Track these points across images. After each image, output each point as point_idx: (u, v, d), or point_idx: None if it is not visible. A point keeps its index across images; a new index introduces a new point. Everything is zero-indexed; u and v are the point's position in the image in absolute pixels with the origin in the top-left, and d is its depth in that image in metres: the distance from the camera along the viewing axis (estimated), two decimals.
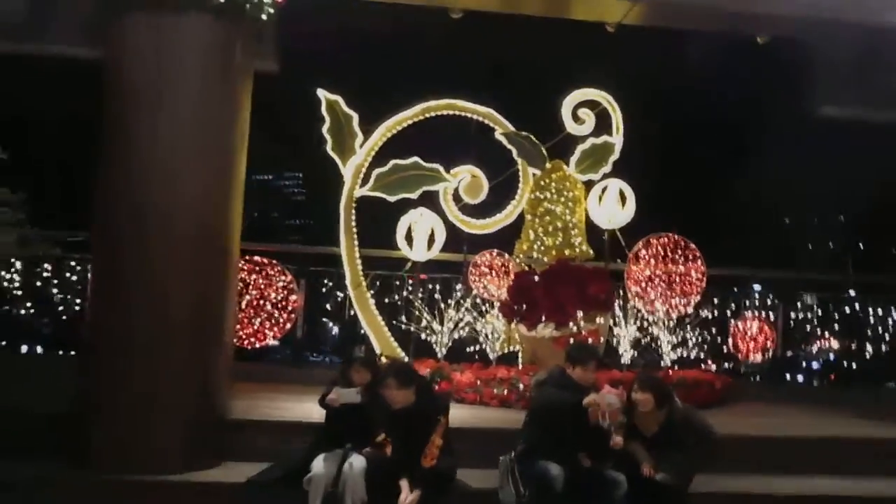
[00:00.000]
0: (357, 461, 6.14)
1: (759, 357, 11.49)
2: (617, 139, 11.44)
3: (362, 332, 10.96)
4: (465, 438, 7.34)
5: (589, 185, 11.24)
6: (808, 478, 7.42)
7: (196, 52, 7.09)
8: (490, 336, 10.14)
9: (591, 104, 11.44)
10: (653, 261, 11.28)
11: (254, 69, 7.92)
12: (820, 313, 12.32)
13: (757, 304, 12.18)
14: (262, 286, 10.88)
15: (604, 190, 11.04)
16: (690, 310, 11.23)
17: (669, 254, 11.33)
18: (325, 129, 10.89)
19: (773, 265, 13.15)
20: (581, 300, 9.00)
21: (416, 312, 10.52)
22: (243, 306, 10.64)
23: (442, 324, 10.32)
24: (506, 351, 10.67)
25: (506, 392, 9.09)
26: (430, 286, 11.06)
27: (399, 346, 10.89)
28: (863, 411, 9.62)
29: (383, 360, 9.98)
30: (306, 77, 11.18)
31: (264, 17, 7.55)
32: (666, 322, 10.59)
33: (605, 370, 9.59)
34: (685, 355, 10.70)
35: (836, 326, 12.36)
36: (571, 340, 8.97)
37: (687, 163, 13.56)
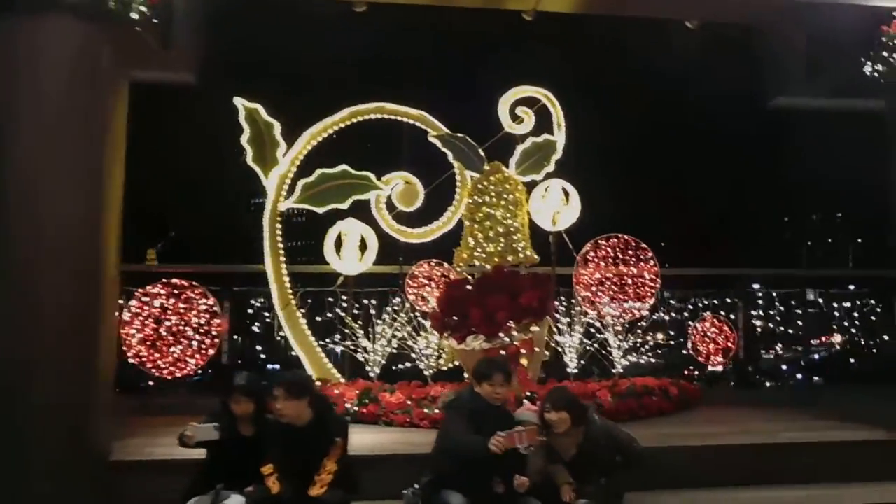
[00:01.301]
0: (232, 503, 5.44)
1: (720, 360, 10.79)
2: (559, 137, 10.81)
3: (293, 353, 10.24)
4: (383, 466, 6.73)
5: (532, 186, 10.60)
6: (749, 489, 6.90)
7: (55, 58, 6.43)
8: (424, 352, 9.42)
9: (530, 101, 10.83)
10: (602, 263, 10.65)
11: (131, 77, 7.32)
12: (783, 310, 11.65)
13: (716, 303, 11.51)
14: (182, 311, 10.17)
15: (546, 190, 10.40)
16: (645, 313, 10.57)
17: (620, 255, 10.69)
18: (244, 139, 10.21)
19: (733, 263, 12.45)
20: (512, 309, 8.30)
21: (347, 330, 9.80)
22: (162, 333, 9.97)
23: (373, 341, 9.60)
24: (450, 366, 9.98)
25: (437, 412, 8.36)
26: (366, 301, 10.33)
27: (336, 368, 10.19)
28: (829, 413, 8.93)
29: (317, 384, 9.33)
30: (230, 87, 10.50)
31: (135, 16, 6.89)
32: (617, 327, 9.91)
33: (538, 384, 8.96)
34: (641, 361, 10.01)
35: (801, 324, 11.69)
36: (502, 352, 8.30)
37: (636, 160, 12.91)
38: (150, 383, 10.38)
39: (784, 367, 12.26)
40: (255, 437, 5.86)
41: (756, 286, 11.74)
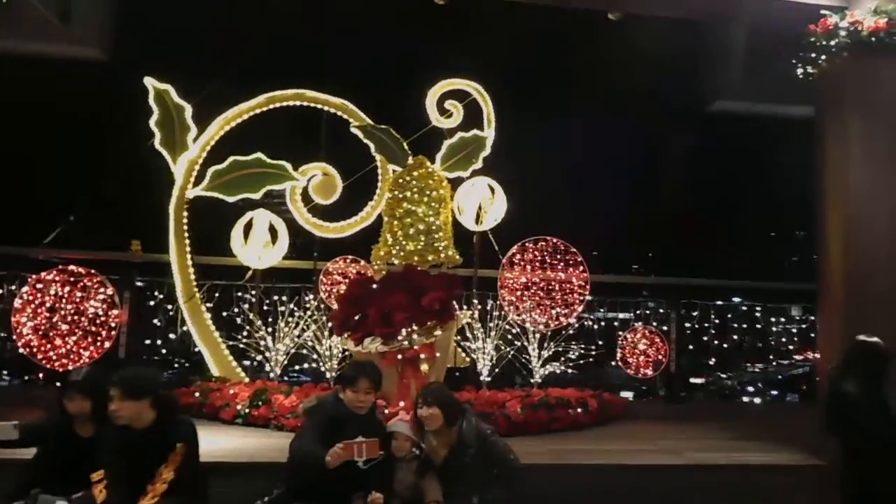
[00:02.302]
0: None
1: (649, 372, 10.29)
2: (489, 133, 10.30)
3: (196, 350, 9.63)
4: (241, 475, 6.16)
5: (458, 184, 10.09)
6: None
7: None
8: (326, 353, 8.84)
9: (461, 96, 10.33)
10: (529, 267, 10.14)
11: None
12: (717, 322, 11.17)
13: (648, 313, 11.01)
14: (78, 300, 9.54)
15: (471, 187, 9.88)
16: (573, 320, 10.07)
17: (548, 259, 10.19)
18: (153, 121, 9.61)
19: (667, 271, 11.94)
20: (412, 310, 7.74)
21: (250, 327, 9.20)
22: (55, 322, 9.33)
23: (275, 340, 9.02)
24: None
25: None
26: (275, 297, 9.72)
27: (240, 366, 9.60)
28: (760, 433, 8.45)
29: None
30: (143, 65, 9.89)
31: None
32: (537, 334, 9.39)
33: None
34: (562, 371, 9.49)
35: (735, 337, 11.22)
36: (399, 357, 7.75)
37: (577, 161, 12.38)
38: (41, 375, 9.74)
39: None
40: (93, 438, 5.28)
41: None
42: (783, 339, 11.92)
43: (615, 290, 10.84)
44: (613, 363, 10.40)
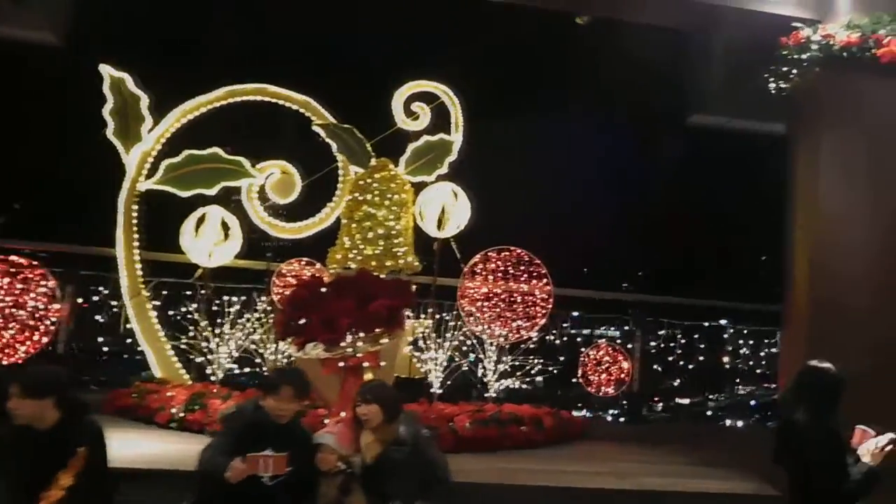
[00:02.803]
0: None
1: (611, 391, 9.95)
2: (456, 137, 9.99)
3: (139, 349, 9.22)
4: (153, 483, 5.80)
5: (421, 189, 9.76)
6: None
7: None
8: (271, 357, 8.47)
9: (429, 98, 10.03)
10: (491, 277, 9.80)
11: None
12: (683, 342, 10.86)
13: (613, 330, 10.69)
14: (18, 292, 9.14)
15: (435, 192, 9.56)
16: (534, 334, 9.74)
17: (511, 270, 9.85)
18: (107, 110, 9.25)
19: (634, 288, 11.64)
20: (357, 316, 7.38)
21: (194, 328, 8.82)
22: None
23: (219, 343, 8.63)
24: None
25: None
26: (227, 298, 9.32)
27: (185, 368, 9.20)
28: (719, 456, 8.12)
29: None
30: (100, 51, 9.54)
31: None
32: (494, 347, 9.04)
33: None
34: (519, 386, 9.15)
35: (702, 357, 10.91)
36: (341, 364, 7.38)
37: (544, 169, 12.02)
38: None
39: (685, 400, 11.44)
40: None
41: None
42: (765, 363, 11.57)
43: (583, 305, 10.51)
44: (574, 380, 10.05)
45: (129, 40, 10.18)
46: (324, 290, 7.94)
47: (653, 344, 10.87)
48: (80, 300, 9.67)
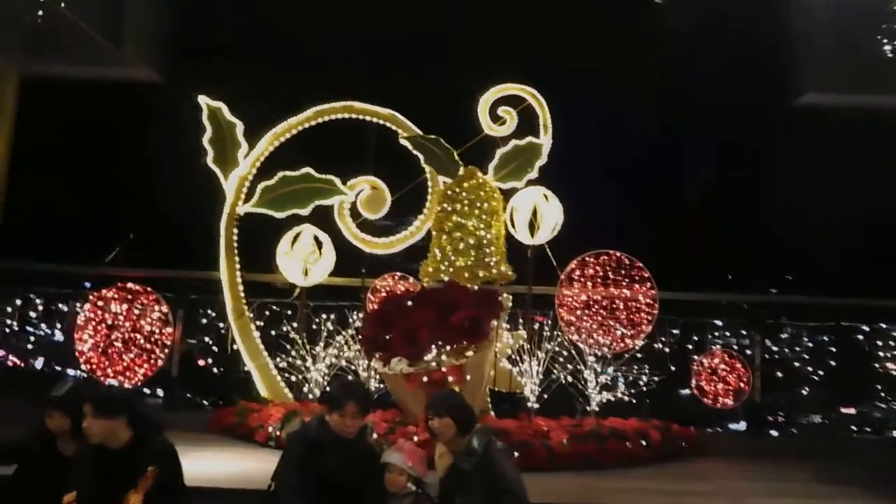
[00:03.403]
0: None
1: (730, 402, 9.16)
2: (545, 140, 9.62)
3: (245, 370, 9.49)
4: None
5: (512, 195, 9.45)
6: None
7: None
8: (364, 374, 8.41)
9: (515, 101, 9.72)
10: (590, 283, 9.32)
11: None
12: (810, 346, 9.81)
13: (728, 335, 9.82)
14: (135, 317, 9.67)
15: (525, 198, 9.22)
16: (640, 343, 9.15)
17: (611, 275, 9.33)
18: (206, 139, 9.65)
19: (749, 288, 10.60)
20: (438, 328, 7.17)
21: (292, 347, 8.94)
22: (113, 340, 9.52)
23: (314, 361, 8.70)
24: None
25: None
26: (325, 316, 9.41)
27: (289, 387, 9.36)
28: (841, 471, 7.24)
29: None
30: (196, 84, 9.99)
31: None
32: (593, 358, 8.54)
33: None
34: (627, 399, 8.57)
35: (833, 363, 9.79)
36: (425, 379, 7.19)
37: (642, 169, 11.16)
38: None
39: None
40: (74, 457, 5.10)
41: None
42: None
43: (691, 309, 9.76)
44: (687, 391, 9.34)
45: (220, 69, 10.58)
46: (409, 303, 7.83)
47: (774, 349, 9.93)
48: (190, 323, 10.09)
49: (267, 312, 9.75)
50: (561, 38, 10.60)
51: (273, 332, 9.60)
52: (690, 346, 9.75)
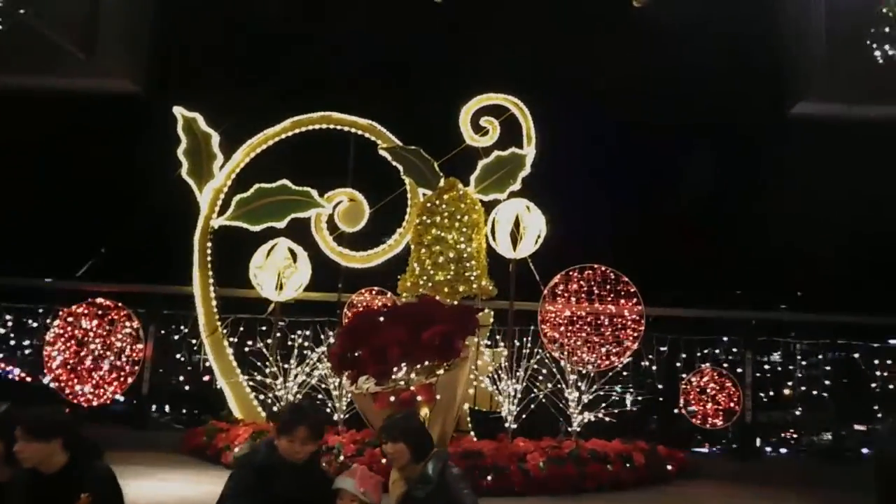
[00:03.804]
0: None
1: (719, 422, 8.79)
2: (528, 151, 9.34)
3: (218, 387, 9.18)
4: None
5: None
6: None
7: None
8: (336, 392, 8.08)
9: (498, 111, 9.46)
10: (574, 299, 9.00)
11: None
12: (804, 364, 9.42)
13: (718, 352, 9.46)
14: (105, 334, 9.39)
15: (506, 210, 8.93)
16: (626, 360, 8.81)
17: (596, 290, 9.01)
18: (180, 150, 9.40)
19: (741, 304, 10.23)
20: (408, 345, 6.85)
21: (265, 364, 8.63)
22: (82, 357, 9.24)
23: (285, 378, 8.38)
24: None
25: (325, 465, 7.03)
26: (299, 332, 9.10)
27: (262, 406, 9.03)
28: (835, 497, 6.86)
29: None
30: (171, 95, 9.78)
31: None
32: (574, 376, 8.18)
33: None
34: (609, 420, 8.19)
35: (828, 382, 9.39)
36: (392, 399, 6.86)
37: (627, 179, 10.76)
38: (66, 410, 9.59)
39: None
40: (9, 482, 4.80)
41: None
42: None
43: (682, 325, 9.41)
44: (676, 410, 8.97)
45: (195, 78, 10.37)
46: (381, 319, 7.51)
47: (766, 367, 9.56)
48: (161, 339, 9.81)
49: (241, 328, 9.45)
50: (546, 46, 10.31)
51: (246, 349, 9.30)
52: (679, 364, 9.38)
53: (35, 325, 10.04)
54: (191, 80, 10.35)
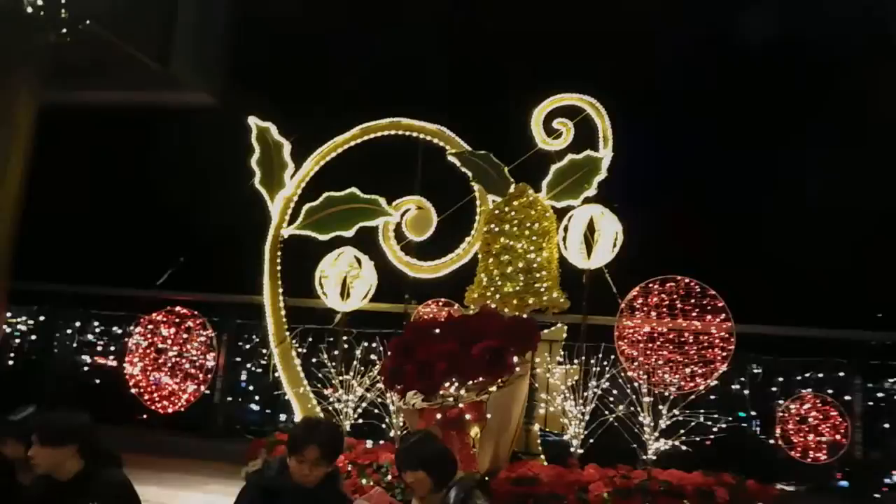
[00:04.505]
0: None
1: (822, 456, 7.74)
2: (605, 153, 8.69)
3: (286, 397, 9.09)
4: None
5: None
6: None
7: None
8: (393, 407, 7.75)
9: (572, 113, 8.88)
10: (654, 313, 8.23)
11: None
12: None
13: (821, 377, 8.36)
14: (182, 342, 9.56)
15: (570, 219, 8.32)
16: (712, 382, 7.95)
17: (679, 304, 8.20)
18: (254, 160, 9.45)
19: (847, 322, 8.96)
20: (456, 361, 6.40)
21: (323, 376, 8.45)
22: (160, 364, 9.44)
23: (347, 391, 8.15)
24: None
25: (371, 483, 6.72)
26: (365, 344, 8.87)
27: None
28: None
29: None
30: (246, 105, 9.86)
31: (29, 9, 6.42)
32: (651, 399, 7.43)
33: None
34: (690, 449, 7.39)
35: None
36: (439, 416, 6.43)
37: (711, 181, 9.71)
38: (145, 417, 9.86)
39: None
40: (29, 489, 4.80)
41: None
42: None
43: (777, 346, 8.42)
44: (770, 441, 8.00)
45: (270, 88, 10.44)
46: (436, 331, 7.12)
47: (880, 395, 8.37)
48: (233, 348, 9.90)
49: (310, 339, 9.35)
50: (621, 44, 9.64)
51: (314, 360, 9.17)
52: (774, 389, 8.39)
53: (120, 331, 10.41)
54: (264, 89, 10.46)
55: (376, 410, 7.89)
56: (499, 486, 6.42)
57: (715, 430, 7.64)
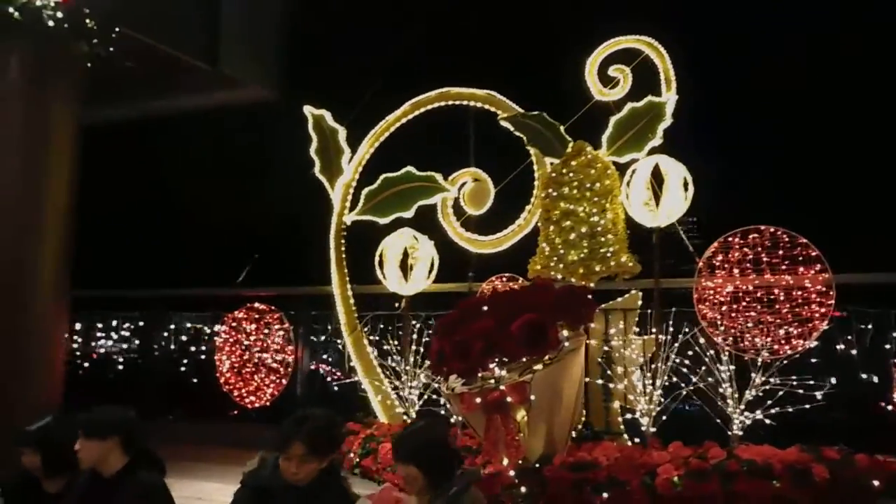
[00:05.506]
0: None
1: None
2: (668, 97, 7.78)
3: (362, 388, 8.94)
4: None
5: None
6: None
7: None
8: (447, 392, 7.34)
9: (628, 58, 8.02)
10: (737, 271, 7.28)
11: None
12: None
13: None
14: (263, 337, 9.68)
15: (632, 174, 7.49)
16: (812, 344, 6.92)
17: (765, 257, 7.20)
18: (312, 149, 9.35)
19: None
20: (492, 338, 5.89)
21: (387, 362, 8.21)
22: (245, 360, 9.63)
23: (409, 377, 7.86)
24: None
25: None
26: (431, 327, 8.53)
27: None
28: None
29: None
30: (308, 97, 9.78)
31: (51, 23, 6.56)
32: (731, 368, 6.55)
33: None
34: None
35: None
36: (479, 400, 5.96)
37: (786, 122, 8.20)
38: (235, 412, 10.07)
39: None
40: (61, 494, 4.89)
41: None
42: None
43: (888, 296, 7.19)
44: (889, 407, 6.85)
45: (323, 75, 10.28)
46: (484, 308, 6.65)
47: None
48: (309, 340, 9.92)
49: (381, 326, 9.14)
50: None
51: (385, 347, 8.97)
52: (888, 347, 7.17)
53: (209, 330, 10.75)
54: (318, 77, 10.33)
55: (435, 397, 7.57)
56: (553, 474, 5.90)
57: (819, 397, 6.62)
